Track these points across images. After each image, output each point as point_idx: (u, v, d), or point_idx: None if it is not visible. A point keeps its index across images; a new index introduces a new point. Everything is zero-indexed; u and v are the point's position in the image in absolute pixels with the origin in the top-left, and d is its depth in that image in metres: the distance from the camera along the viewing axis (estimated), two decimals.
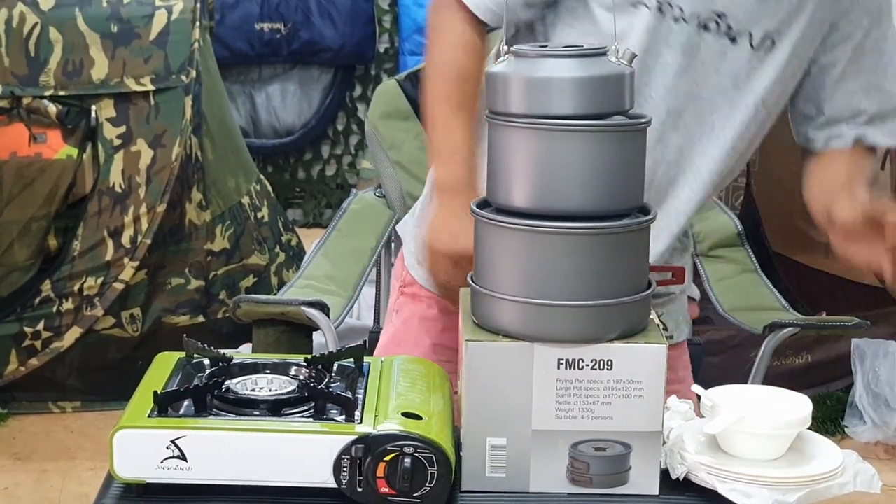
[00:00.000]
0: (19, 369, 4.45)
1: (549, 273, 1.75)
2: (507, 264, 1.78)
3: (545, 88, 1.74)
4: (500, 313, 1.76)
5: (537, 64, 1.76)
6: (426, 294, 2.34)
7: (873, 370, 4.50)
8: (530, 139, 1.75)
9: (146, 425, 1.71)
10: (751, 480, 1.73)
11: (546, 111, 1.73)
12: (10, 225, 4.49)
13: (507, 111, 1.77)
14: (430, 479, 1.70)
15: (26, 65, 4.32)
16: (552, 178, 1.74)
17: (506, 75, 1.77)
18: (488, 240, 1.80)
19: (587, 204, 1.75)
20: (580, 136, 1.74)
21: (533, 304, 1.76)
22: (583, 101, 1.73)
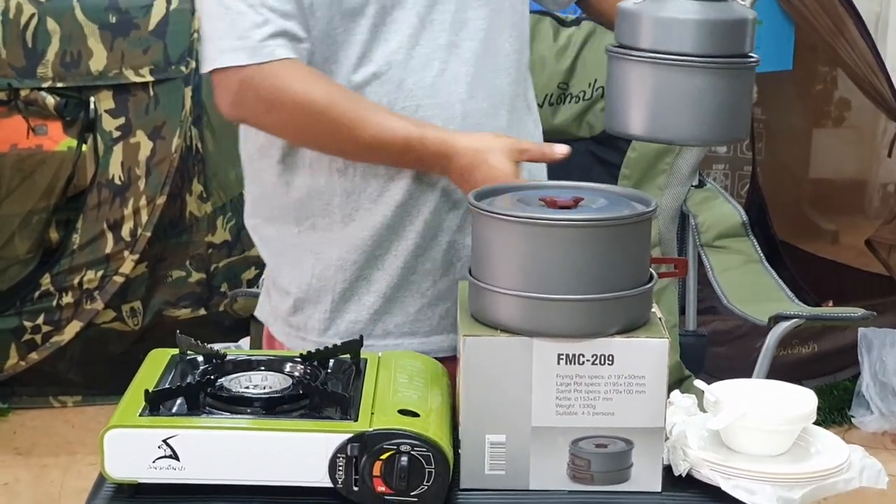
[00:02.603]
0: (19, 363, 4.44)
1: (549, 266, 1.72)
2: (505, 256, 1.75)
3: (671, 28, 1.85)
4: (499, 308, 1.74)
5: (668, 3, 1.87)
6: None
7: (880, 359, 4.48)
8: (656, 73, 1.87)
9: (137, 424, 1.69)
10: (755, 477, 1.71)
11: (673, 49, 1.85)
12: (10, 218, 4.48)
13: (637, 46, 1.88)
14: (428, 478, 1.67)
15: (24, 56, 4.30)
16: (671, 109, 1.86)
17: (638, 14, 1.88)
18: (486, 232, 1.77)
19: (702, 134, 1.91)
20: (700, 72, 1.85)
21: (532, 298, 1.74)
22: (707, 42, 1.85)
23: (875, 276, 5.04)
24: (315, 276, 2.15)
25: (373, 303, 2.14)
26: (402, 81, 2.05)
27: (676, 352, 3.20)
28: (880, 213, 5.35)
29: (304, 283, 2.16)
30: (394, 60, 2.05)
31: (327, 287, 2.14)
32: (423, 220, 2.09)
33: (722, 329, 4.35)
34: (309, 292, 2.16)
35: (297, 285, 2.18)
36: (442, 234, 2.10)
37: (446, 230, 2.10)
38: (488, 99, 2.08)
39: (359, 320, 2.14)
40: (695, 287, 3.36)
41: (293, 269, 2.18)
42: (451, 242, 2.11)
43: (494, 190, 1.87)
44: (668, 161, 3.37)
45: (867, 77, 4.63)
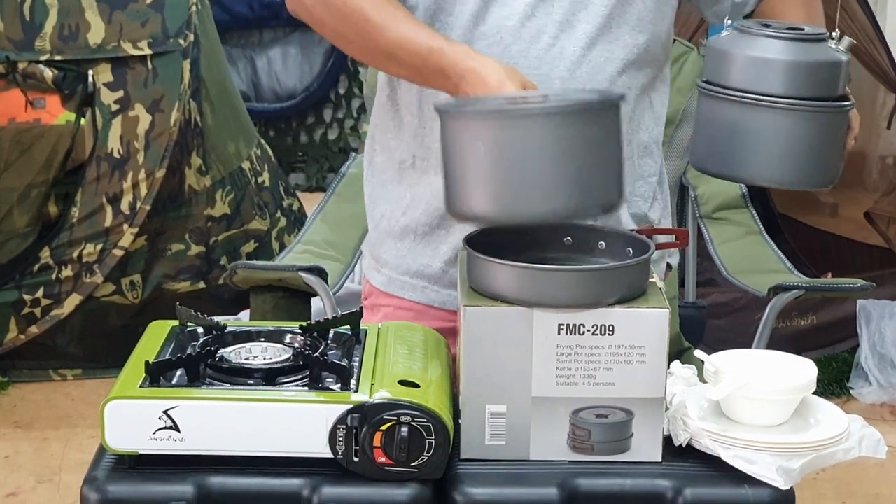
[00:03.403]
0: (19, 337, 4.43)
1: (518, 162, 1.71)
2: (476, 156, 1.73)
3: (765, 68, 1.85)
4: (498, 278, 1.73)
5: (759, 42, 1.86)
6: (383, 302, 2.27)
7: (879, 331, 4.48)
8: (746, 113, 1.86)
9: (138, 396, 1.69)
10: (754, 447, 1.71)
11: (762, 89, 1.84)
12: (9, 192, 4.47)
13: (726, 84, 1.87)
14: (428, 449, 1.67)
15: (21, 29, 4.28)
16: (757, 150, 1.86)
17: (728, 52, 1.88)
18: (454, 136, 1.76)
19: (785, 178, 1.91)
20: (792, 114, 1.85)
21: (531, 269, 1.75)
22: (797, 84, 1.84)
23: (874, 248, 5.04)
24: (404, 213, 2.19)
25: (444, 252, 2.16)
26: (508, 48, 2.05)
27: (676, 323, 3.20)
28: (879, 186, 5.34)
29: (394, 217, 2.21)
30: (504, 26, 2.05)
31: (410, 227, 2.18)
32: None
33: (721, 301, 4.34)
34: (395, 227, 2.21)
35: (388, 219, 2.22)
36: None
37: None
38: (591, 83, 2.06)
39: (431, 265, 2.18)
40: (694, 259, 3.36)
41: (388, 202, 2.23)
42: None
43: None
44: (668, 133, 3.35)
45: (867, 49, 4.61)
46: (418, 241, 2.18)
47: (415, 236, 2.18)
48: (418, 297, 2.21)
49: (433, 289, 2.19)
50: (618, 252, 1.86)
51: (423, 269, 2.19)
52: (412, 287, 2.21)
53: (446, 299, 2.18)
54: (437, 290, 2.19)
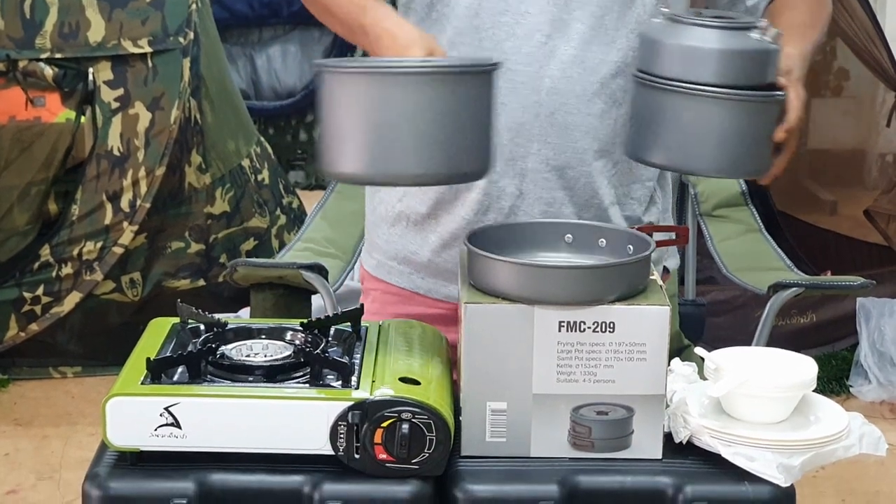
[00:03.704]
0: (19, 334, 4.43)
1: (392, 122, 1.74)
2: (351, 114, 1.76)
3: (690, 56, 1.85)
4: (499, 275, 1.74)
5: (686, 31, 1.86)
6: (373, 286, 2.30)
7: (878, 329, 4.48)
8: (676, 102, 1.85)
9: (139, 392, 1.69)
10: (755, 444, 1.71)
11: (689, 78, 1.84)
12: (9, 190, 4.47)
13: (656, 73, 1.87)
14: (429, 445, 1.67)
15: (21, 27, 4.28)
16: (694, 140, 1.86)
17: (656, 41, 1.88)
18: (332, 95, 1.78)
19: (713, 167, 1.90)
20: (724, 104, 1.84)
21: (532, 266, 1.75)
22: (722, 72, 1.84)
23: (874, 246, 5.04)
24: (400, 200, 2.20)
25: (433, 241, 2.17)
26: (501, 43, 2.05)
27: (676, 321, 3.20)
28: (879, 184, 5.35)
29: (390, 203, 2.22)
30: (499, 21, 2.05)
31: (404, 213, 2.19)
32: (489, 180, 2.08)
33: (720, 299, 4.34)
34: (390, 213, 2.22)
35: (385, 204, 2.23)
36: (504, 198, 2.10)
37: (508, 195, 2.10)
38: (582, 84, 2.06)
39: (419, 253, 2.19)
40: (694, 256, 3.37)
41: (372, 194, 2.26)
42: (512, 207, 2.11)
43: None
44: None
45: (866, 47, 4.62)
46: (409, 229, 2.19)
47: (407, 223, 2.19)
48: (404, 282, 2.22)
49: (419, 276, 2.20)
50: (618, 249, 1.86)
51: (411, 256, 2.20)
52: (399, 272, 2.22)
53: (432, 287, 2.19)
54: (423, 277, 2.20)
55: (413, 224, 2.18)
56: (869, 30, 4.58)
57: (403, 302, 2.19)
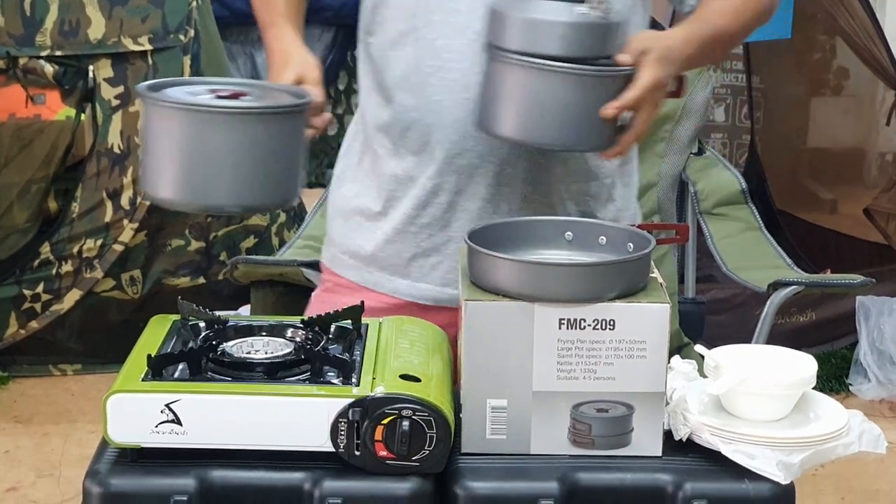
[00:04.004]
0: (19, 332, 4.44)
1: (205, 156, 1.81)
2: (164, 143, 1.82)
3: (529, 29, 1.87)
4: (499, 273, 1.74)
5: (527, 4, 1.89)
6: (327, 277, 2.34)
7: (878, 328, 4.48)
8: (517, 74, 1.88)
9: (140, 389, 1.69)
10: (755, 441, 1.71)
11: (531, 50, 1.86)
12: (9, 187, 4.47)
13: (500, 45, 1.89)
14: (430, 443, 1.68)
15: (22, 24, 4.28)
16: (543, 113, 1.87)
17: (500, 13, 1.89)
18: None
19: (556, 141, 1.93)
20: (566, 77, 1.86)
21: (532, 263, 1.76)
22: (542, 43, 1.86)
23: (873, 244, 5.04)
24: (357, 196, 2.23)
25: (378, 237, 2.19)
26: (434, 42, 2.06)
27: (676, 319, 3.21)
28: (878, 182, 5.35)
29: (347, 198, 2.26)
30: (432, 21, 2.07)
31: (359, 209, 2.23)
32: (427, 177, 2.12)
33: (720, 297, 4.35)
34: (346, 208, 2.25)
35: (343, 199, 2.27)
36: (443, 193, 2.12)
37: (447, 191, 2.12)
38: None
39: (365, 247, 2.21)
40: (693, 254, 3.37)
41: (351, 182, 2.27)
42: (451, 202, 2.12)
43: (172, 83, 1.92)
44: (668, 129, 3.37)
45: (866, 45, 4.62)
46: (361, 224, 2.22)
47: (360, 218, 2.22)
48: (353, 275, 2.25)
49: (367, 269, 2.22)
50: (618, 247, 1.86)
51: (359, 250, 2.23)
52: (349, 265, 2.25)
53: (378, 280, 2.21)
54: (371, 271, 2.22)
55: (365, 219, 2.21)
56: (869, 28, 4.58)
57: (352, 294, 2.21)
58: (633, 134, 1.95)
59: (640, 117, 1.94)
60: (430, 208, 2.14)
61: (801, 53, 5.63)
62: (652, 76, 1.91)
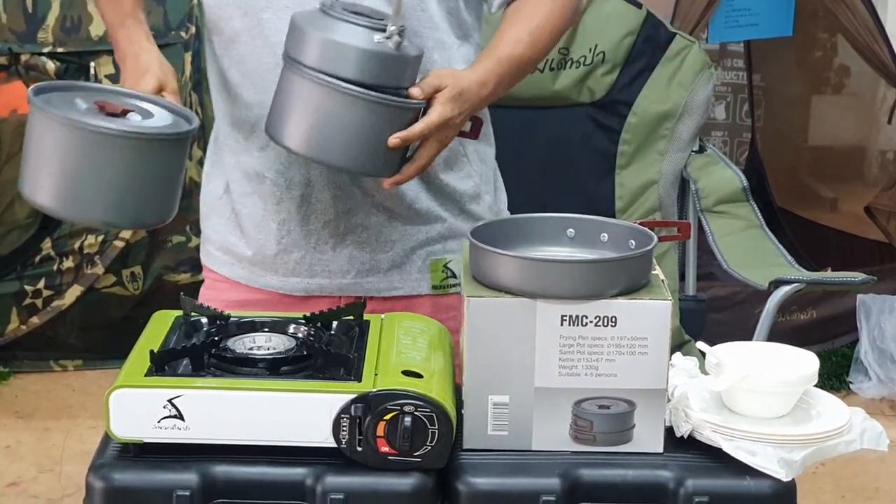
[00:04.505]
0: (20, 328, 4.44)
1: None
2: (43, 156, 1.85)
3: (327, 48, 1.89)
4: (501, 270, 1.74)
5: (328, 23, 1.91)
6: (206, 274, 2.37)
7: (879, 326, 4.48)
8: (308, 89, 1.90)
9: (143, 384, 1.70)
10: (756, 438, 1.71)
11: (326, 69, 1.88)
12: (10, 183, 4.46)
13: (296, 58, 1.91)
14: (431, 438, 1.68)
15: (24, 21, 4.28)
16: (327, 132, 1.90)
17: (301, 28, 1.92)
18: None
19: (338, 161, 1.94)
20: (361, 103, 1.89)
21: (535, 260, 1.77)
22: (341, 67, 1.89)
23: (874, 243, 5.04)
24: (223, 195, 2.25)
25: (242, 234, 2.22)
26: (268, 38, 2.07)
27: (676, 316, 3.21)
28: (879, 181, 5.35)
29: (216, 195, 2.27)
30: (265, 19, 2.08)
31: (225, 206, 2.25)
32: (276, 171, 2.14)
33: (721, 295, 4.35)
34: (216, 205, 2.27)
35: (212, 196, 2.28)
36: (294, 187, 2.14)
37: (297, 184, 2.14)
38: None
39: (237, 244, 2.23)
40: (695, 252, 3.36)
41: (204, 186, 2.32)
42: (304, 195, 2.14)
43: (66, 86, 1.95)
44: (669, 127, 3.37)
45: (867, 43, 4.62)
46: (230, 220, 2.24)
47: (229, 215, 2.24)
48: (227, 272, 2.27)
49: (239, 265, 2.24)
50: (620, 244, 1.87)
51: (231, 247, 2.24)
52: (223, 262, 2.27)
53: (249, 276, 2.23)
54: (243, 266, 2.24)
55: (233, 215, 2.23)
56: (870, 26, 4.58)
57: (231, 290, 2.25)
58: (416, 166, 2.00)
59: (424, 151, 1.99)
60: (285, 202, 2.15)
61: (802, 51, 5.63)
62: (440, 114, 1.96)
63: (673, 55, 3.39)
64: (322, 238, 2.15)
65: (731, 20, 4.67)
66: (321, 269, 2.18)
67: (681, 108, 3.36)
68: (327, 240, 2.15)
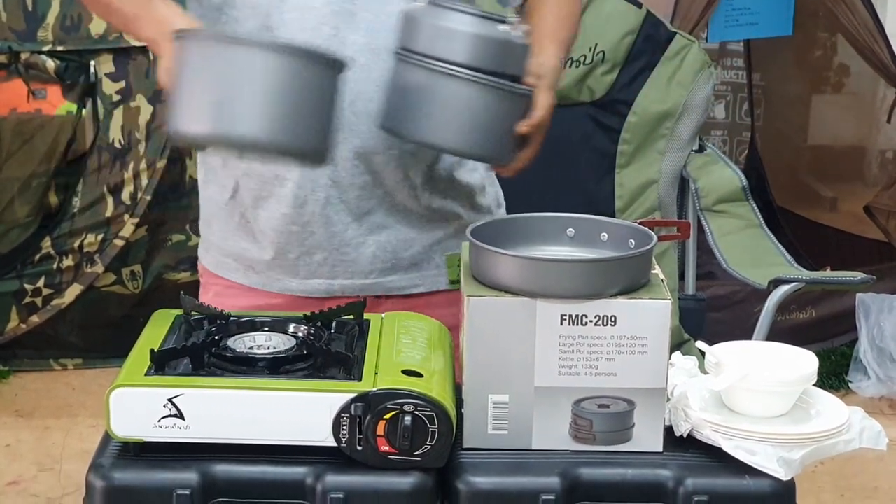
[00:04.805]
0: (20, 326, 4.44)
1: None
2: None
3: (448, 37, 1.90)
4: (501, 269, 1.74)
5: (445, 14, 1.92)
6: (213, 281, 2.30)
7: (878, 325, 4.49)
8: (428, 78, 1.91)
9: (143, 384, 1.69)
10: (755, 437, 1.71)
11: (446, 56, 1.90)
12: (10, 182, 4.48)
13: (414, 49, 1.92)
14: (431, 438, 1.68)
15: (24, 20, 4.29)
16: (442, 117, 1.91)
17: (418, 20, 1.93)
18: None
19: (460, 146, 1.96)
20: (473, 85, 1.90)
21: (535, 259, 1.77)
22: (474, 55, 1.90)
23: (873, 242, 5.05)
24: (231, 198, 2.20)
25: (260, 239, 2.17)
26: (294, 38, 2.04)
27: (676, 315, 3.21)
28: (879, 180, 5.35)
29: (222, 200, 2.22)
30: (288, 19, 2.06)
31: (235, 210, 2.20)
32: (299, 173, 2.11)
33: (720, 294, 4.35)
34: (223, 210, 2.22)
35: (215, 201, 2.24)
36: (319, 189, 2.12)
37: (323, 186, 2.11)
38: (377, 69, 2.05)
39: (250, 249, 2.20)
40: (694, 251, 3.37)
41: (203, 190, 2.27)
42: (329, 197, 2.12)
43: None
44: (669, 126, 3.37)
45: (867, 43, 4.62)
46: (240, 226, 2.20)
47: (239, 220, 2.20)
48: (241, 278, 2.22)
49: (253, 271, 2.20)
50: (620, 244, 1.87)
51: (243, 253, 2.20)
52: (234, 269, 2.23)
53: (266, 281, 2.20)
54: (258, 272, 2.20)
55: (243, 221, 2.19)
56: (870, 26, 4.58)
57: (244, 296, 2.21)
58: (531, 152, 2.02)
59: (539, 138, 2.01)
60: (309, 205, 2.12)
61: (801, 50, 5.64)
62: (549, 101, 1.99)
63: (673, 54, 3.40)
64: (345, 239, 2.13)
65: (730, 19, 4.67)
66: (343, 269, 2.15)
67: (680, 108, 3.37)
68: (350, 240, 2.14)
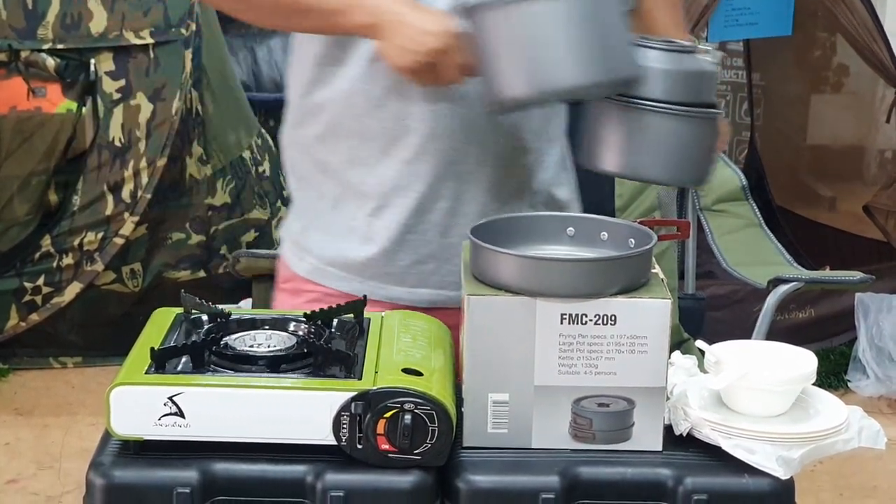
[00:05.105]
0: (20, 325, 4.45)
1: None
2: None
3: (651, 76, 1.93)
4: (501, 268, 1.74)
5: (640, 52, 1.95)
6: (307, 288, 2.26)
7: (877, 324, 4.49)
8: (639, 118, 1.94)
9: (143, 382, 1.69)
10: (755, 436, 1.71)
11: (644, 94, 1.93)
12: (10, 180, 4.48)
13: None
14: (431, 436, 1.68)
15: (24, 18, 4.29)
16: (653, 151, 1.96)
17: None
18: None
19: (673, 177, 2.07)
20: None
21: (534, 259, 1.77)
22: (672, 90, 1.94)
23: (872, 241, 5.05)
24: (334, 208, 2.17)
25: (371, 248, 2.15)
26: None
27: (676, 315, 3.21)
28: (878, 180, 5.36)
29: (324, 210, 2.19)
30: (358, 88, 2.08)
31: (340, 220, 2.17)
32: (426, 183, 2.10)
33: (719, 294, 4.35)
34: (326, 220, 2.19)
35: (301, 212, 2.24)
36: (443, 199, 2.11)
37: (447, 196, 2.11)
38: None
39: (357, 258, 2.16)
40: (694, 250, 3.37)
41: (307, 189, 2.24)
42: (452, 208, 2.12)
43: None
44: None
45: (866, 43, 4.63)
46: (346, 235, 2.17)
47: (346, 230, 2.17)
48: (343, 286, 2.18)
49: (357, 280, 2.16)
50: (620, 243, 1.87)
51: (347, 262, 2.17)
52: (335, 276, 2.19)
53: (370, 290, 2.13)
54: (362, 281, 2.16)
55: (347, 229, 2.16)
56: (869, 26, 4.59)
57: (344, 300, 2.17)
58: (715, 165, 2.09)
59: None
60: (431, 214, 2.11)
61: (801, 50, 5.64)
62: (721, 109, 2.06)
63: None
64: (458, 250, 2.06)
65: (730, 19, 4.68)
66: (452, 280, 2.11)
67: None
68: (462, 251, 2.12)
